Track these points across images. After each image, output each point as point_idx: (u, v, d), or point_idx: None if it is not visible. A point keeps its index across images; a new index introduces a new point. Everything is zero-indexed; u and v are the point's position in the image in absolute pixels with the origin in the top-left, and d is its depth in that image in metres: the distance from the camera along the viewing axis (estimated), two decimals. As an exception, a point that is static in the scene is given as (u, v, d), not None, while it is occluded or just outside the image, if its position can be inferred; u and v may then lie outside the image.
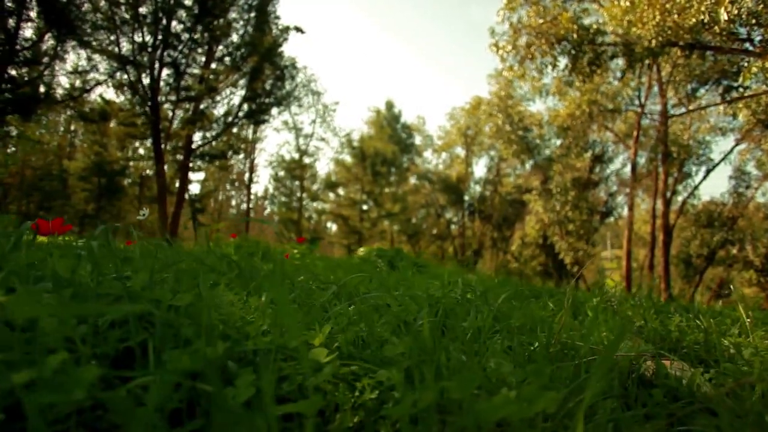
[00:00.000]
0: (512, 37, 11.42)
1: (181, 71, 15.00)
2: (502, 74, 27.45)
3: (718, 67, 14.24)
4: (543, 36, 11.24)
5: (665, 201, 18.38)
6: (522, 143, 26.84)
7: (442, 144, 33.30)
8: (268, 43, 16.52)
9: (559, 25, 10.96)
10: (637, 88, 19.31)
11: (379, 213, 29.16)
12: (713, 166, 18.85)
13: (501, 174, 32.66)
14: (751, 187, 18.76)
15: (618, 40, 10.49)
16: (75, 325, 0.55)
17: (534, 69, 12.45)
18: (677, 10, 8.70)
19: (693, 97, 17.36)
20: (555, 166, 23.43)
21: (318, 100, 26.35)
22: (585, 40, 10.52)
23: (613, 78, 17.89)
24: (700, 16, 8.37)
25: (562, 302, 1.39)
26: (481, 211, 32.28)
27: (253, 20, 16.94)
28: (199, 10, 14.63)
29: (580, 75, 11.10)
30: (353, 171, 29.19)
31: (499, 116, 27.22)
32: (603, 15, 10.82)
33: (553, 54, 10.92)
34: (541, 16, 11.60)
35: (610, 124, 22.07)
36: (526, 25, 11.51)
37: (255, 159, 27.23)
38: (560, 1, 12.42)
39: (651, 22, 8.94)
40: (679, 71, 16.74)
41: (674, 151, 18.85)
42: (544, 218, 24.31)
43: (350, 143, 29.92)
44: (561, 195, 23.11)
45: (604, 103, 19.90)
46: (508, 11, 12.26)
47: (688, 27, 8.60)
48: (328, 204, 30.56)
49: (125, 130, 16.44)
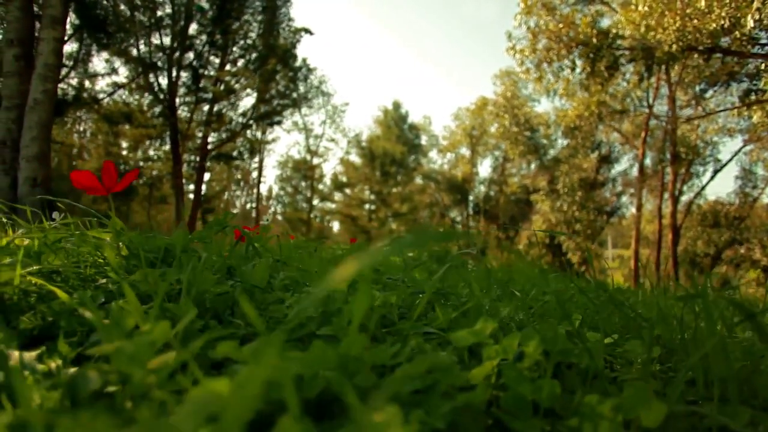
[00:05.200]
0: (531, 41, 11.63)
1: (199, 74, 15.17)
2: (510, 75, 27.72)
3: (727, 69, 14.49)
4: (561, 40, 11.43)
5: (674, 201, 18.62)
6: (529, 144, 27.05)
7: (448, 144, 33.53)
8: (283, 46, 16.70)
9: (577, 30, 11.15)
10: (646, 90, 19.52)
11: (386, 213, 29.37)
12: (721, 166, 19.08)
13: (506, 174, 32.88)
14: (758, 188, 19.02)
15: (636, 44, 10.69)
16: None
17: (550, 72, 12.68)
18: (697, 16, 8.92)
19: (702, 98, 17.58)
20: (562, 167, 23.59)
21: (328, 101, 26.63)
22: (604, 44, 10.72)
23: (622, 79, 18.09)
24: (720, 21, 8.58)
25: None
26: (486, 210, 32.51)
27: (266, 22, 17.12)
28: (217, 13, 14.80)
29: (598, 78, 11.30)
30: (362, 171, 29.40)
31: (505, 117, 27.42)
32: (620, 19, 11.03)
33: (573, 58, 11.12)
34: (559, 20, 11.79)
35: (618, 124, 22.27)
36: (544, 30, 11.70)
37: (264, 159, 27.41)
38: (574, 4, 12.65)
39: (672, 27, 9.14)
40: (688, 73, 16.95)
41: (682, 151, 19.07)
42: (552, 218, 24.45)
43: (359, 143, 30.14)
44: (568, 195, 23.27)
45: (613, 104, 20.11)
46: (525, 16, 12.46)
47: (709, 32, 8.81)
48: (336, 204, 30.79)
49: (142, 132, 16.62)
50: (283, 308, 0.87)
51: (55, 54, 5.02)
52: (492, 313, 0.94)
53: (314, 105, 25.77)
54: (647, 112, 19.75)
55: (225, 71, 16.48)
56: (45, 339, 0.79)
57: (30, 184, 4.68)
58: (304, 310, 0.75)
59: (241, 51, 16.75)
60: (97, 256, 1.05)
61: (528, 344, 0.60)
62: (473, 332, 0.60)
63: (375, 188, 29.10)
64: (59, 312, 0.83)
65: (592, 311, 1.12)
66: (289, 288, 1.05)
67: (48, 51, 4.95)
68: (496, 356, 0.61)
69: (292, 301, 0.92)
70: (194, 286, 0.80)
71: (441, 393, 0.48)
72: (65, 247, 0.99)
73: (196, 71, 15.42)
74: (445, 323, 0.80)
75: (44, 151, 4.90)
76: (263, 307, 0.92)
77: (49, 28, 4.98)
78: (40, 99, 4.89)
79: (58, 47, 5.06)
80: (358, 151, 30.36)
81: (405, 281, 1.10)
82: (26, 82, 5.01)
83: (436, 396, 0.48)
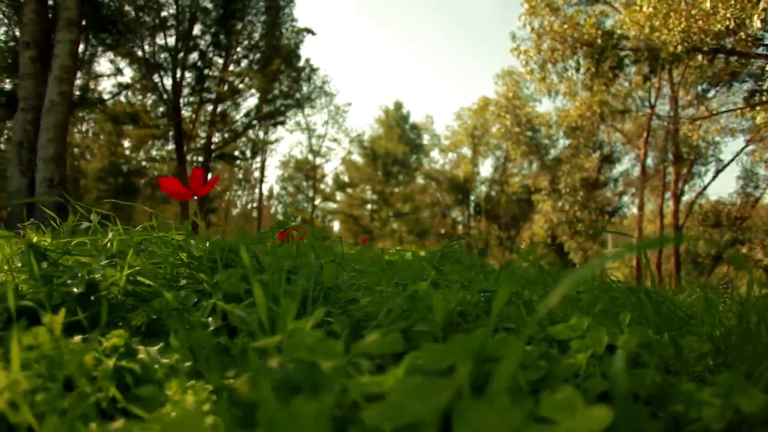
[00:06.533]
0: (536, 42, 11.68)
1: (204, 74, 15.22)
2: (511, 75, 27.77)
3: (730, 69, 14.55)
4: (566, 41, 11.48)
5: (676, 201, 18.69)
6: (530, 144, 27.10)
7: (449, 144, 33.61)
8: (287, 46, 16.76)
9: (582, 31, 11.20)
10: (648, 90, 19.58)
11: (388, 212, 29.45)
12: (723, 166, 19.15)
13: (507, 174, 32.96)
14: (760, 188, 19.09)
15: (641, 45, 10.74)
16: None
17: (554, 73, 12.73)
18: (702, 17, 8.98)
19: (704, 98, 17.65)
20: (563, 167, 23.63)
21: (331, 101, 26.72)
22: (609, 45, 10.77)
23: (624, 79, 18.15)
24: (725, 22, 8.63)
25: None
26: (488, 210, 32.59)
27: (270, 23, 17.18)
28: (221, 14, 14.85)
29: (602, 79, 11.35)
30: (364, 171, 29.48)
31: (507, 117, 27.47)
32: (624, 20, 11.08)
33: (577, 59, 11.17)
34: (563, 21, 11.84)
35: (619, 124, 22.32)
36: (549, 31, 11.75)
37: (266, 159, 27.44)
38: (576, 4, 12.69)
39: (677, 28, 9.19)
40: (690, 73, 17.01)
41: (684, 151, 19.14)
42: (553, 218, 24.48)
43: (361, 143, 30.23)
44: (570, 195, 23.30)
45: (615, 104, 20.15)
46: (529, 16, 12.51)
47: (714, 33, 8.87)
48: (338, 204, 30.86)
49: (147, 132, 16.67)
50: (364, 306, 0.93)
51: (71, 56, 5.07)
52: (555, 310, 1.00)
53: (317, 105, 25.85)
54: (649, 112, 19.81)
55: (229, 71, 16.53)
56: (151, 335, 0.85)
57: (47, 185, 4.74)
58: (398, 307, 0.80)
59: (244, 51, 16.81)
60: (174, 257, 1.10)
61: (619, 338, 0.66)
62: (570, 327, 0.65)
63: (377, 188, 29.18)
64: (159, 310, 0.88)
65: (634, 309, 1.17)
66: (357, 288, 1.10)
67: (64, 53, 5.00)
68: (586, 349, 0.67)
69: (366, 301, 0.97)
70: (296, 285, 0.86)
71: (560, 380, 0.54)
72: (147, 249, 1.04)
73: (201, 71, 15.47)
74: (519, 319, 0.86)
75: (60, 152, 4.95)
76: (341, 306, 0.97)
77: (65, 30, 5.03)
78: (57, 101, 4.94)
79: (73, 49, 5.11)
80: (360, 150, 30.47)
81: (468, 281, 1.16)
82: (42, 84, 5.06)
83: (557, 383, 0.53)
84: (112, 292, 0.84)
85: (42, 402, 0.45)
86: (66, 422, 0.44)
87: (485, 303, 0.99)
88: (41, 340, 0.57)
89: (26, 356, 0.56)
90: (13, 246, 1.05)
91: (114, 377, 0.60)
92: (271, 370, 0.47)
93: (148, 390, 0.51)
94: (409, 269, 1.22)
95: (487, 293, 0.98)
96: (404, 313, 0.87)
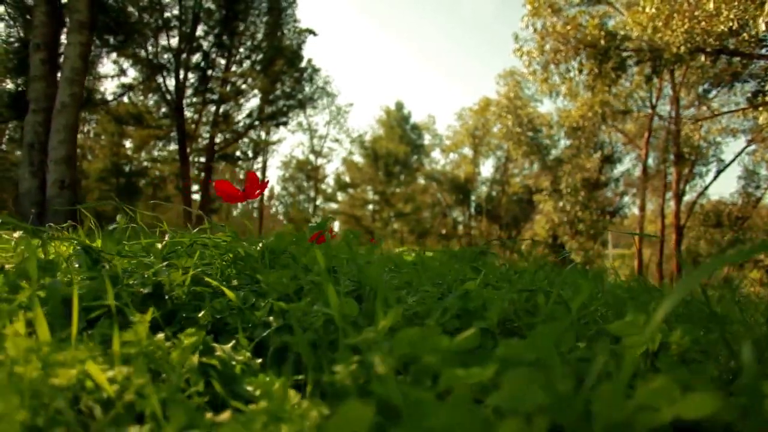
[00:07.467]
0: (539, 43, 11.72)
1: (207, 75, 15.26)
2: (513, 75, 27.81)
3: (731, 70, 14.60)
4: (569, 42, 11.52)
5: (677, 201, 18.75)
6: (531, 144, 27.12)
7: (450, 144, 33.66)
8: (289, 47, 16.80)
9: (585, 32, 11.24)
10: (649, 90, 19.63)
11: (389, 213, 29.50)
12: (724, 166, 19.20)
13: (508, 174, 33.00)
14: (761, 188, 19.14)
15: (643, 46, 10.78)
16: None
17: (557, 73, 12.77)
18: (705, 18, 9.03)
19: (705, 98, 17.71)
20: (564, 167, 23.66)
21: (332, 101, 26.78)
22: (612, 46, 10.81)
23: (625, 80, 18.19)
24: (729, 23, 8.67)
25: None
26: (489, 210, 32.63)
27: (272, 23, 17.21)
28: (224, 15, 14.88)
29: (605, 80, 11.39)
30: (365, 171, 29.53)
31: (508, 117, 27.49)
32: (627, 21, 11.13)
33: (580, 60, 11.21)
34: (566, 22, 11.88)
35: (621, 125, 22.37)
36: (552, 32, 11.79)
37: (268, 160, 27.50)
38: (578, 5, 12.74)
39: (680, 29, 9.23)
40: (692, 73, 17.06)
41: (686, 152, 19.19)
42: (554, 218, 24.50)
43: (362, 144, 30.26)
44: (571, 195, 23.33)
45: (616, 104, 20.20)
46: (532, 18, 12.55)
47: (716, 33, 8.91)
48: (339, 204, 30.91)
49: (149, 132, 16.71)
50: (413, 306, 0.96)
51: (82, 58, 5.11)
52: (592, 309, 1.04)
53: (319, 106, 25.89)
54: (650, 113, 19.87)
55: (231, 72, 16.57)
56: (215, 333, 0.89)
57: (58, 186, 4.78)
58: (452, 306, 0.84)
59: (247, 52, 16.84)
60: (221, 258, 1.14)
61: (671, 335, 0.69)
62: (626, 324, 0.69)
63: (378, 188, 29.23)
64: (220, 310, 0.92)
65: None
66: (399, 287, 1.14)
67: (75, 55, 5.04)
68: (640, 345, 0.71)
69: (413, 301, 1.01)
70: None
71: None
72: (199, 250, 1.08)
73: (204, 72, 15.51)
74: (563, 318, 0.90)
75: (71, 153, 4.99)
76: (389, 305, 1.01)
77: (75, 33, 5.07)
78: (67, 102, 4.98)
79: (84, 51, 5.15)
80: (362, 151, 30.51)
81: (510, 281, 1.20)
82: (52, 86, 5.10)
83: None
84: (177, 293, 0.88)
85: (163, 392, 0.49)
86: (188, 412, 0.48)
87: (526, 302, 1.02)
88: (139, 337, 0.61)
89: (126, 352, 0.60)
90: (68, 247, 1.09)
91: (199, 373, 0.64)
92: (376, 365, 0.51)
93: (253, 382, 0.55)
94: (445, 269, 1.26)
95: (527, 292, 1.02)
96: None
